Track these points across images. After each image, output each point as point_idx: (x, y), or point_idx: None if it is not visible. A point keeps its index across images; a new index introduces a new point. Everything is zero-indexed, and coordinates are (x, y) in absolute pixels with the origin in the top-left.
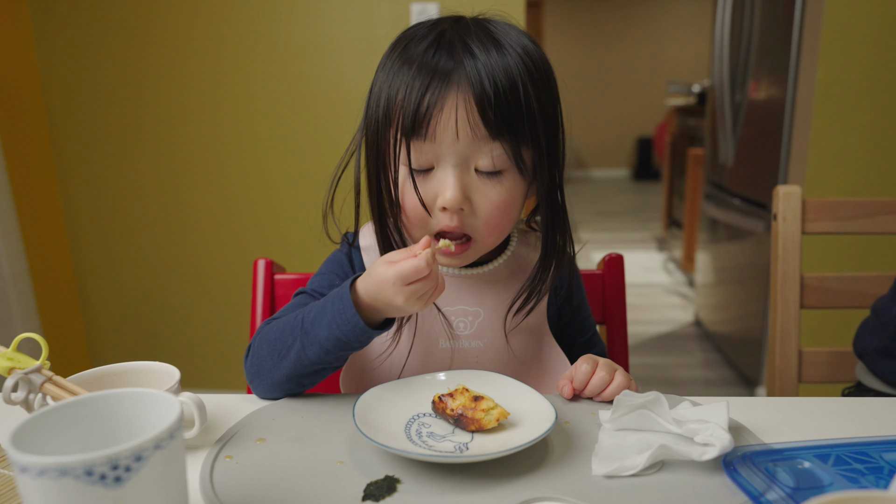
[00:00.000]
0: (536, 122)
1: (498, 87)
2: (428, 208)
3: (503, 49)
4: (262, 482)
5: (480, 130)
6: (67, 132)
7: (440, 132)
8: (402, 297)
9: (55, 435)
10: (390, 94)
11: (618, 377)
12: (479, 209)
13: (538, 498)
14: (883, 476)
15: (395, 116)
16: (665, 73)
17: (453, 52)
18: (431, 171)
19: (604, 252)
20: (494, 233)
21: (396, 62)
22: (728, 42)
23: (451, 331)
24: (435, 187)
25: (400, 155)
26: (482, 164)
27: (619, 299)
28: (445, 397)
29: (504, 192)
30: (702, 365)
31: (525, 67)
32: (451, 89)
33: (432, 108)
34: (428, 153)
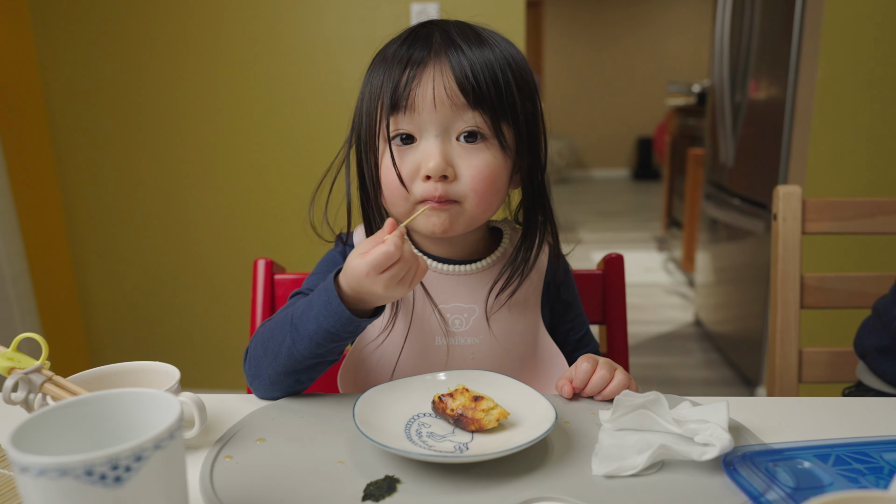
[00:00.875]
0: (515, 101)
1: (475, 66)
2: (407, 182)
3: (486, 44)
4: (262, 482)
5: (459, 99)
6: (68, 132)
7: (419, 103)
8: (381, 285)
9: (55, 435)
10: (372, 87)
11: (618, 375)
12: (463, 175)
13: (538, 498)
14: (883, 476)
15: (377, 102)
16: (665, 73)
17: (430, 40)
18: (414, 143)
19: (604, 252)
20: (481, 201)
21: (376, 63)
22: (728, 42)
23: (446, 328)
24: (418, 158)
25: (380, 132)
26: (462, 128)
27: (619, 299)
28: (445, 397)
29: (487, 159)
30: (702, 365)
31: (507, 62)
32: (429, 64)
33: (411, 82)
34: (409, 124)
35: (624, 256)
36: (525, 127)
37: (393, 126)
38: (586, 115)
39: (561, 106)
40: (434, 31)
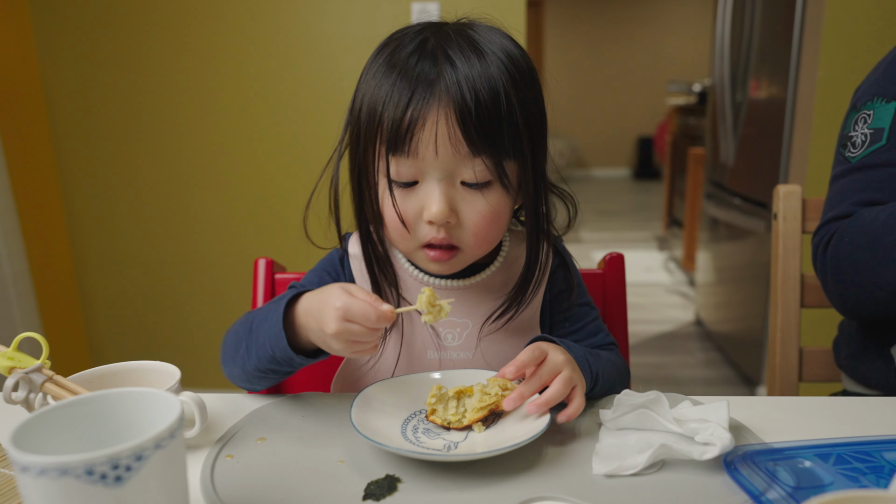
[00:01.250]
0: (520, 132)
1: (479, 100)
2: (408, 224)
3: (485, 57)
4: (262, 481)
5: (462, 147)
6: (68, 132)
7: (422, 149)
8: (335, 326)
9: (56, 434)
10: (373, 105)
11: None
12: (466, 221)
13: (539, 497)
14: (883, 475)
15: (376, 130)
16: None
17: (435, 61)
18: (416, 184)
19: (604, 251)
20: (483, 244)
21: (381, 68)
22: (729, 41)
23: (438, 342)
24: (420, 200)
25: (380, 168)
26: (467, 177)
27: (619, 299)
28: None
29: (490, 204)
30: (702, 364)
31: (508, 74)
32: (432, 104)
33: (414, 125)
34: (411, 168)
35: (624, 256)
36: (530, 156)
37: (394, 167)
38: (587, 114)
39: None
40: (437, 52)
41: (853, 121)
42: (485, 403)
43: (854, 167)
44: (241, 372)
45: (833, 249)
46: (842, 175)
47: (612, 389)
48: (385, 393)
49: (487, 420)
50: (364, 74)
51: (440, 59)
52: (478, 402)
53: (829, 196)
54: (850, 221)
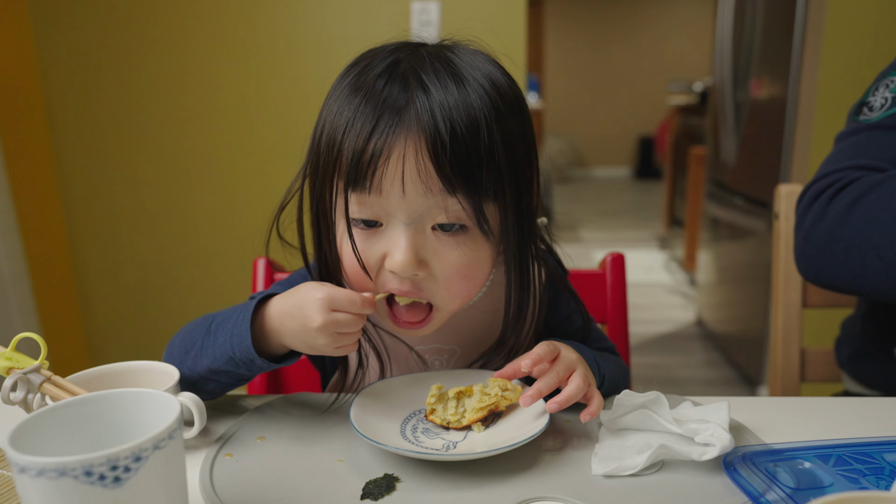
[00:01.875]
0: (501, 171)
1: (455, 131)
2: (371, 270)
3: (465, 84)
4: (261, 480)
5: (435, 184)
6: (67, 132)
7: (387, 186)
8: (321, 318)
9: (54, 435)
10: (332, 133)
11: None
12: (437, 273)
13: (538, 497)
14: (884, 477)
15: (335, 161)
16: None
17: (406, 86)
18: (380, 226)
19: (605, 251)
20: (457, 299)
21: (345, 91)
22: (730, 40)
23: (425, 368)
24: (384, 246)
25: (337, 205)
26: (439, 220)
27: (620, 299)
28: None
29: (466, 254)
30: (703, 365)
31: (491, 104)
32: (399, 134)
33: (378, 158)
34: (374, 207)
35: (625, 256)
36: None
37: (354, 206)
38: (587, 113)
39: (562, 105)
40: (409, 75)
41: (872, 89)
42: (484, 404)
43: (872, 125)
44: (187, 371)
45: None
46: (854, 133)
47: (616, 390)
48: (384, 392)
49: (487, 420)
50: (328, 97)
51: (411, 82)
52: (477, 403)
53: (835, 152)
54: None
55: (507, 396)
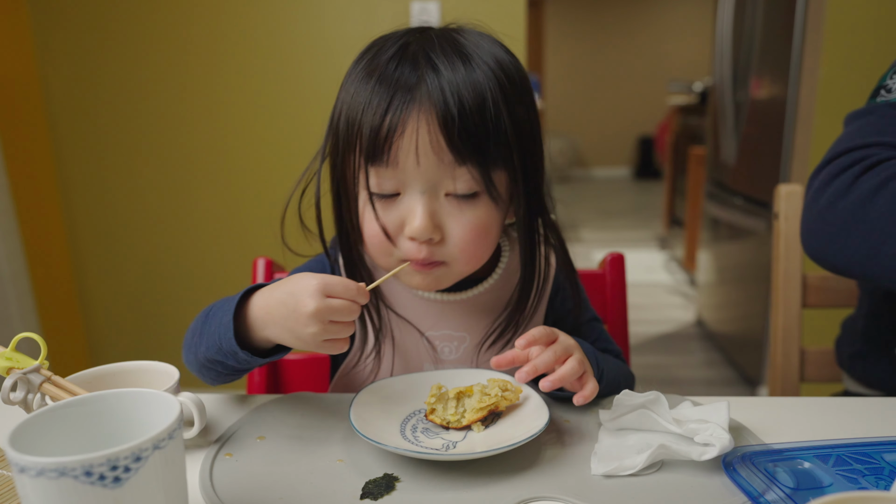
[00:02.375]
0: (509, 141)
1: (464, 106)
2: (392, 236)
3: (471, 62)
4: (261, 480)
5: (446, 155)
6: (67, 132)
7: (402, 158)
8: (314, 303)
9: (54, 435)
10: (351, 113)
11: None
12: (451, 236)
13: (537, 496)
14: (883, 477)
15: (355, 139)
16: (666, 72)
17: (416, 66)
18: (398, 196)
19: (605, 251)
20: (471, 260)
21: (360, 74)
22: (730, 40)
23: (435, 355)
24: (402, 213)
25: (359, 179)
26: (451, 189)
27: (620, 299)
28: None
29: (478, 217)
30: (703, 364)
31: (497, 81)
32: (412, 110)
33: (393, 133)
34: (392, 179)
35: (625, 256)
36: (521, 167)
37: (374, 178)
38: (587, 113)
39: (562, 105)
40: (419, 56)
41: (890, 73)
42: (484, 404)
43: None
44: (193, 358)
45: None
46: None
47: (616, 391)
48: (384, 392)
49: (486, 420)
50: (344, 82)
51: (421, 63)
52: (477, 403)
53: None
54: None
55: (507, 397)
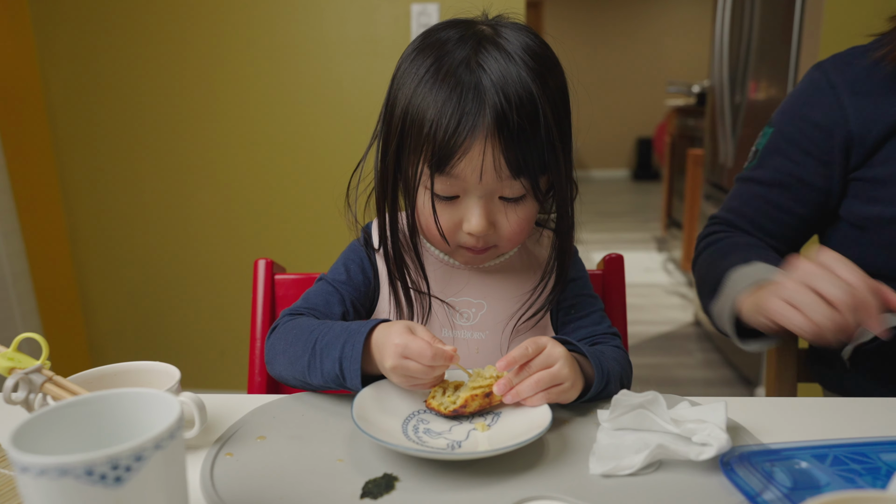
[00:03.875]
0: (555, 147)
1: (523, 128)
2: (446, 234)
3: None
4: (261, 479)
5: (504, 172)
6: (68, 132)
7: (468, 174)
8: (392, 361)
9: (56, 435)
10: (419, 119)
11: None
12: (502, 229)
13: (536, 496)
14: (880, 476)
15: (422, 146)
16: (665, 74)
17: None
18: (456, 198)
19: (604, 252)
20: (515, 244)
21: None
22: (728, 42)
23: (453, 320)
24: (460, 213)
25: (422, 181)
26: (506, 194)
27: (618, 299)
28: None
29: (525, 213)
30: (701, 365)
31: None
32: (478, 135)
33: (461, 152)
34: (454, 186)
35: (624, 257)
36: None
37: (437, 183)
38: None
39: None
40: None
41: (760, 136)
42: (477, 384)
43: (738, 178)
44: (299, 383)
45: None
46: (737, 179)
47: (622, 386)
48: (386, 392)
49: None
50: (402, 77)
51: (481, 76)
52: (470, 382)
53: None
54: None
55: None
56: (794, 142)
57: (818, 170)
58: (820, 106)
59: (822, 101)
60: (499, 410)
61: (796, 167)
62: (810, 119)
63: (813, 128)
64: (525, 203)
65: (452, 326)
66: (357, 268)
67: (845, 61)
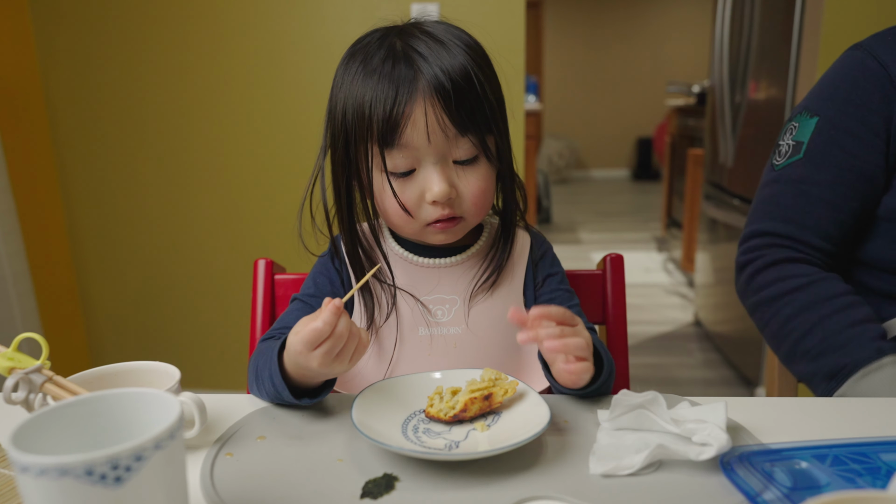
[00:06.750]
0: (494, 108)
1: (456, 84)
2: (410, 210)
3: (450, 48)
4: (261, 479)
5: (450, 130)
6: (68, 132)
7: (416, 139)
8: (316, 361)
9: (56, 435)
10: (358, 108)
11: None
12: (464, 194)
13: (536, 496)
14: (880, 476)
15: (366, 130)
16: (665, 74)
17: (409, 60)
18: (412, 172)
19: (604, 252)
20: (480, 211)
21: (358, 76)
22: (728, 42)
23: (429, 318)
24: (420, 185)
25: (374, 164)
26: (457, 156)
27: (619, 299)
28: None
29: (482, 176)
30: (701, 365)
31: (473, 60)
32: (416, 97)
33: (404, 119)
34: (407, 158)
35: (624, 257)
36: (503, 128)
37: (389, 161)
38: (586, 115)
39: (561, 106)
40: (408, 51)
41: (784, 131)
42: (476, 387)
43: (775, 177)
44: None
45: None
46: (766, 184)
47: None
48: (385, 392)
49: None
50: (339, 84)
51: (412, 55)
52: (468, 386)
53: (757, 201)
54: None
55: (500, 385)
56: (851, 132)
57: (879, 161)
58: (874, 88)
59: (875, 83)
60: (499, 411)
61: (856, 160)
62: (867, 104)
63: (872, 113)
64: (479, 165)
65: (429, 324)
66: (325, 279)
67: (887, 40)
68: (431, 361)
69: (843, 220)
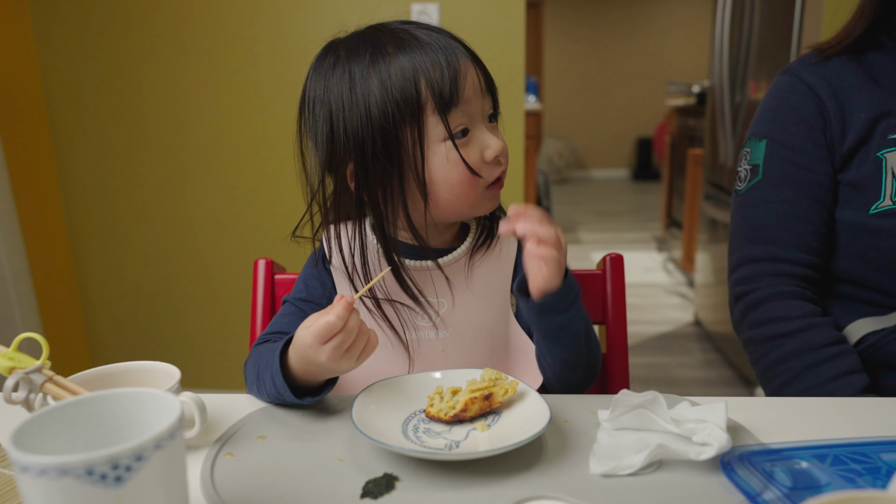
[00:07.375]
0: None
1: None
2: (477, 170)
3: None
4: (262, 479)
5: (484, 86)
6: (68, 132)
7: (471, 92)
8: (325, 356)
9: (56, 435)
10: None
11: None
12: None
13: (536, 496)
14: (880, 476)
15: (414, 105)
16: (665, 74)
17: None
18: (468, 133)
19: (603, 252)
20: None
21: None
22: (728, 42)
23: (415, 321)
24: (477, 146)
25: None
26: (489, 111)
27: (618, 299)
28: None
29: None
30: (701, 365)
31: None
32: (458, 53)
33: (461, 73)
34: (465, 115)
35: (624, 256)
36: None
37: (452, 121)
38: (586, 115)
39: (561, 106)
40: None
41: (740, 157)
42: (476, 386)
43: (742, 202)
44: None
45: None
46: (736, 210)
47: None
48: (385, 392)
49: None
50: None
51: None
52: (468, 386)
53: (732, 230)
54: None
55: (500, 385)
56: (798, 148)
57: (829, 171)
58: (807, 105)
59: (806, 100)
60: (499, 411)
61: (812, 174)
62: (805, 120)
63: (811, 128)
64: (497, 123)
65: (416, 328)
66: (316, 282)
67: (809, 63)
68: (417, 366)
69: (817, 230)
